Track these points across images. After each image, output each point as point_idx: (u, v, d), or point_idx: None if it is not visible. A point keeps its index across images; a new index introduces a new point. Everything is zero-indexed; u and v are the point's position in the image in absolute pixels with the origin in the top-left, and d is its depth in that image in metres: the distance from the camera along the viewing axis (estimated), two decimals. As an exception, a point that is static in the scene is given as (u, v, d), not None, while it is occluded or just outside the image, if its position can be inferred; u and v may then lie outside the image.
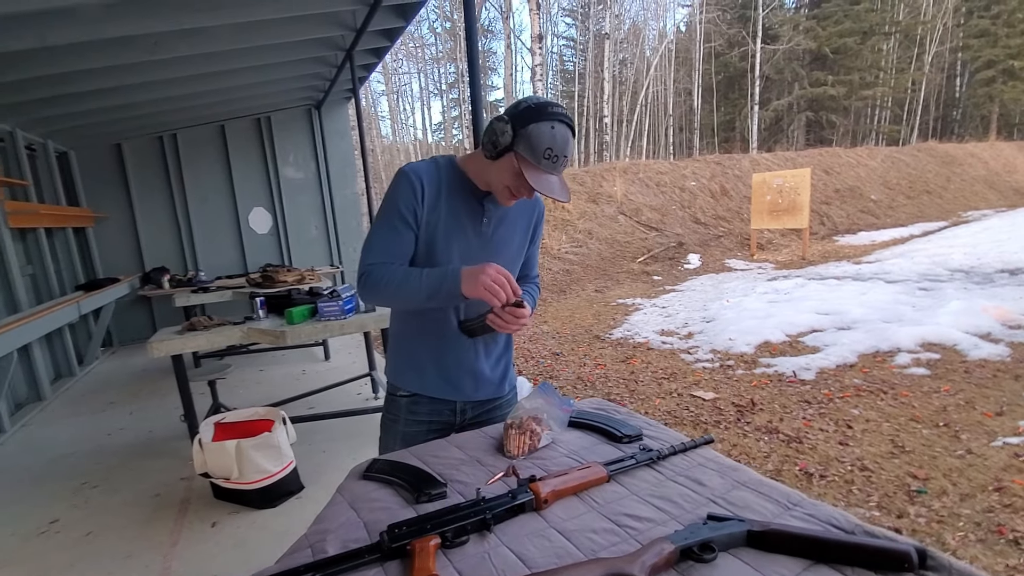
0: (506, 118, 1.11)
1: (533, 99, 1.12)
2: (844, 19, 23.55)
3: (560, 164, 1.11)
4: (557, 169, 1.11)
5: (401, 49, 26.16)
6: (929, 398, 3.33)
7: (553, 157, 1.09)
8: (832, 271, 7.82)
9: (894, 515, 2.23)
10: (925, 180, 16.61)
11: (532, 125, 1.08)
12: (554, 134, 1.08)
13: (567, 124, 1.10)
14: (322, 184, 6.73)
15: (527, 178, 1.09)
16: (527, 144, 1.08)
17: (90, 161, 5.84)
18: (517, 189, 1.16)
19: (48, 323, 3.92)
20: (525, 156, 1.09)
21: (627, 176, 12.50)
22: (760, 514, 0.84)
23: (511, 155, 1.11)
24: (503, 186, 1.17)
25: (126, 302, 5.86)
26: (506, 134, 1.10)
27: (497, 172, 1.16)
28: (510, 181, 1.15)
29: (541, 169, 1.10)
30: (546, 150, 1.08)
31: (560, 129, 1.09)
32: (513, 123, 1.10)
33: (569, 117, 1.12)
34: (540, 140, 1.08)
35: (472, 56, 2.51)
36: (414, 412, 1.33)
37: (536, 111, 1.09)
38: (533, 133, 1.08)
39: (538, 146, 1.08)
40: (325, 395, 3.76)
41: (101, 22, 3.00)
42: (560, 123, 1.09)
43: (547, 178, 1.11)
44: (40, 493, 2.78)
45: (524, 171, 1.10)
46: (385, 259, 1.21)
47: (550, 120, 1.08)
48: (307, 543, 0.85)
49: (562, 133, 1.09)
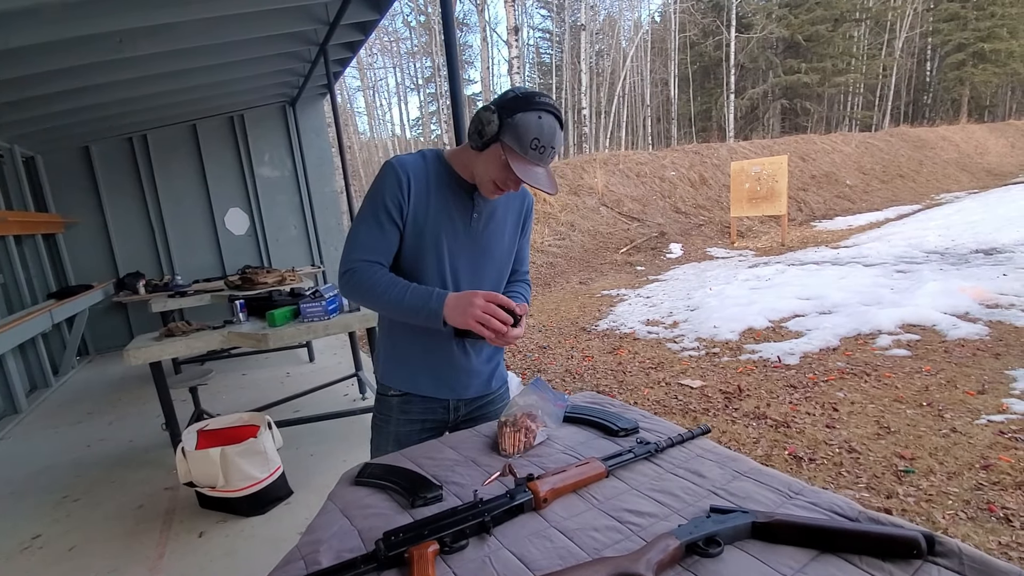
0: (493, 108, 1.08)
1: (521, 89, 1.09)
2: (816, 7, 23.86)
3: (548, 155, 1.08)
4: (544, 160, 1.09)
5: (376, 44, 25.84)
6: (911, 379, 3.39)
7: (540, 148, 1.06)
8: (811, 256, 7.94)
9: (883, 495, 2.26)
10: (898, 164, 16.93)
11: (519, 115, 1.05)
12: (541, 124, 1.06)
13: (555, 115, 1.08)
14: (300, 182, 6.61)
15: (514, 169, 1.07)
16: (513, 134, 1.06)
17: (58, 165, 5.66)
18: (503, 181, 1.13)
19: (20, 333, 3.80)
20: (511, 146, 1.07)
21: (607, 167, 12.52)
22: (762, 504, 0.83)
23: (497, 145, 1.09)
24: (489, 178, 1.14)
25: (100, 309, 5.71)
26: (492, 124, 1.08)
27: (484, 163, 1.13)
28: (496, 173, 1.12)
29: (528, 160, 1.07)
30: (533, 140, 1.05)
31: (548, 119, 1.07)
32: (500, 113, 1.07)
33: (557, 108, 1.09)
34: (527, 130, 1.05)
35: (450, 49, 2.47)
36: (406, 411, 1.31)
37: (523, 100, 1.06)
38: (520, 123, 1.05)
39: (524, 136, 1.05)
40: (311, 397, 3.70)
41: (64, 21, 2.89)
42: (548, 113, 1.07)
43: (534, 169, 1.08)
44: (21, 508, 2.69)
45: (511, 161, 1.07)
46: (369, 256, 1.17)
47: (537, 110, 1.06)
48: (299, 555, 0.82)
49: (549, 123, 1.07)
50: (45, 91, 3.79)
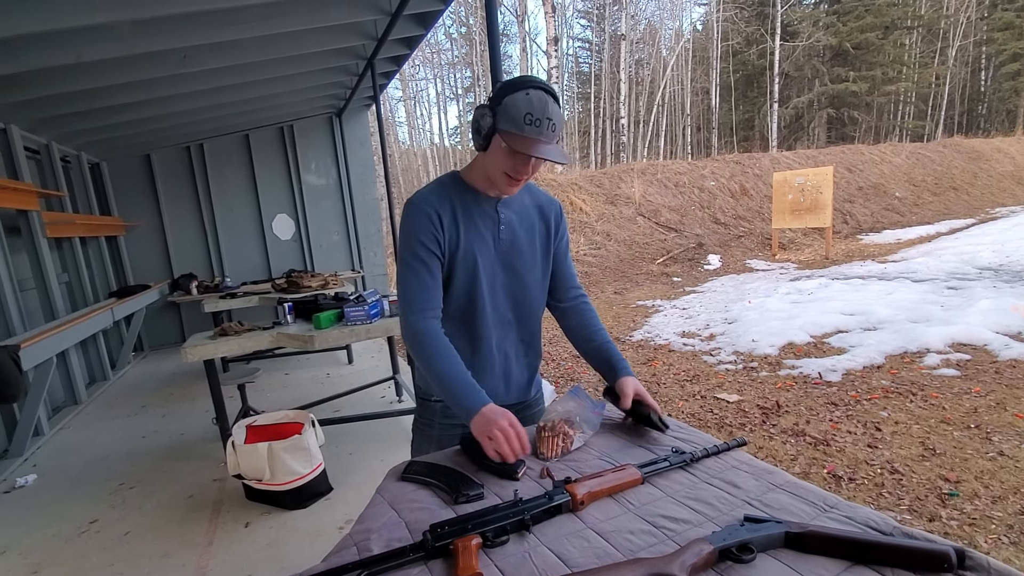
0: (484, 104, 1.13)
1: (507, 79, 1.13)
2: (865, 14, 23.16)
3: (546, 128, 1.08)
4: (544, 133, 1.08)
5: (418, 55, 26.37)
6: (960, 399, 3.26)
7: (535, 121, 1.06)
8: (857, 270, 7.69)
9: (926, 518, 2.19)
10: (951, 176, 16.23)
11: (507, 98, 1.08)
12: (530, 98, 1.07)
13: (543, 89, 1.09)
14: (343, 190, 6.84)
15: (517, 148, 1.07)
16: (506, 117, 1.08)
17: (121, 171, 6.03)
18: (514, 169, 1.13)
19: (84, 329, 4.05)
20: (509, 129, 1.08)
21: (645, 177, 12.44)
22: (796, 516, 0.84)
23: (497, 136, 1.11)
24: (500, 172, 1.15)
25: (156, 308, 6.03)
26: (486, 117, 1.11)
27: (491, 160, 1.15)
28: (505, 163, 1.13)
29: (527, 136, 1.08)
30: (526, 115, 1.06)
31: (536, 93, 1.08)
32: (491, 105, 1.11)
33: (545, 83, 1.10)
34: (517, 108, 1.07)
35: (494, 57, 2.54)
36: (449, 416, 1.34)
37: (508, 85, 1.10)
38: (509, 104, 1.08)
39: (517, 115, 1.07)
40: (350, 398, 3.82)
41: (135, 37, 3.10)
42: (535, 89, 1.08)
43: (537, 144, 1.08)
44: (80, 494, 2.87)
45: (512, 144, 1.08)
46: (426, 309, 1.20)
47: (524, 88, 1.08)
48: (352, 542, 0.88)
49: (539, 96, 1.07)
50: (113, 102, 4.06)
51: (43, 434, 3.71)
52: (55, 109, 4.05)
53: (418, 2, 3.58)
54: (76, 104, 4.01)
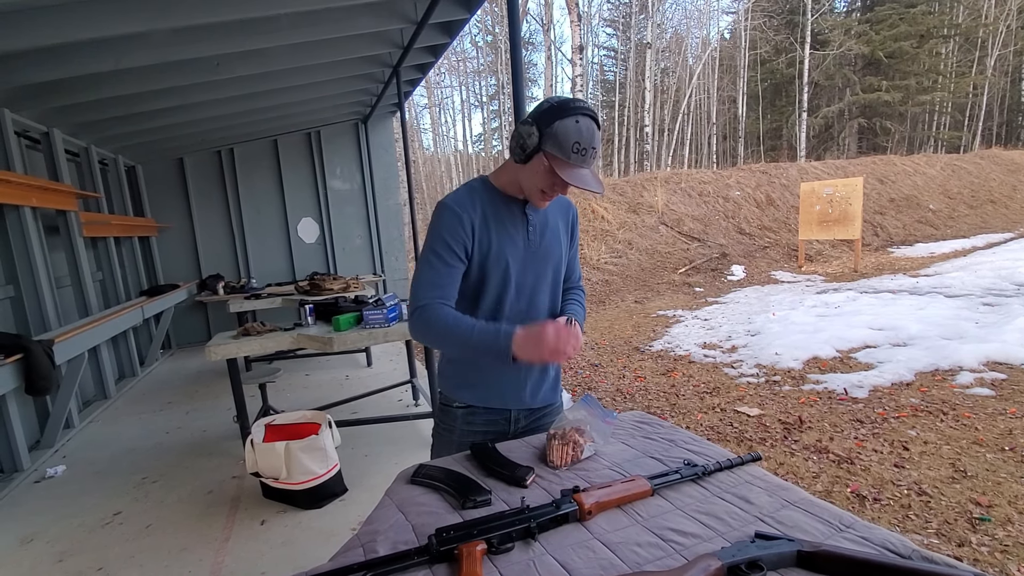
0: (530, 120, 1.13)
1: (555, 98, 1.14)
2: (899, 22, 22.61)
3: (589, 156, 1.12)
4: (587, 162, 1.12)
5: (444, 63, 26.70)
6: (994, 420, 3.14)
7: (582, 150, 1.10)
8: (887, 284, 7.49)
9: (955, 543, 2.11)
10: (989, 189, 15.72)
11: (557, 122, 1.10)
12: (580, 127, 1.10)
13: (591, 117, 1.12)
14: (367, 195, 6.95)
15: (560, 174, 1.11)
16: (554, 141, 1.10)
17: (155, 174, 6.23)
18: (551, 188, 1.17)
19: (115, 326, 4.18)
20: (554, 153, 1.11)
21: (668, 186, 12.33)
22: (810, 535, 0.82)
23: (540, 155, 1.13)
24: (536, 188, 1.19)
25: (184, 307, 6.18)
26: (532, 136, 1.13)
27: (529, 175, 1.18)
28: (543, 181, 1.16)
29: (571, 164, 1.12)
30: (574, 144, 1.10)
31: (585, 122, 1.10)
32: (538, 124, 1.12)
33: (592, 110, 1.13)
34: (567, 135, 1.09)
35: (516, 67, 2.55)
36: (470, 423, 1.34)
37: (559, 108, 1.11)
38: (559, 130, 1.10)
39: (565, 141, 1.10)
40: (367, 401, 3.85)
41: (170, 46, 3.21)
42: (584, 116, 1.11)
43: (579, 172, 1.13)
44: (105, 486, 2.95)
45: (556, 168, 1.12)
46: (436, 293, 1.21)
47: (574, 115, 1.10)
48: (359, 542, 0.89)
49: (587, 126, 1.10)
50: (148, 108, 4.21)
51: (73, 427, 3.83)
52: (95, 114, 4.21)
53: (443, 11, 3.62)
54: (115, 109, 4.16)
